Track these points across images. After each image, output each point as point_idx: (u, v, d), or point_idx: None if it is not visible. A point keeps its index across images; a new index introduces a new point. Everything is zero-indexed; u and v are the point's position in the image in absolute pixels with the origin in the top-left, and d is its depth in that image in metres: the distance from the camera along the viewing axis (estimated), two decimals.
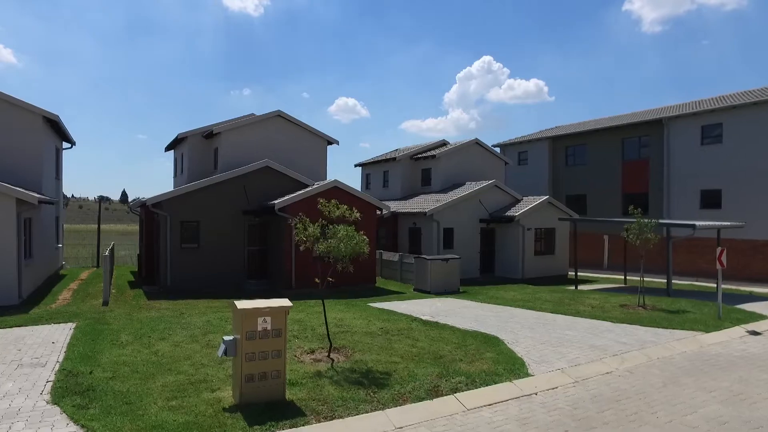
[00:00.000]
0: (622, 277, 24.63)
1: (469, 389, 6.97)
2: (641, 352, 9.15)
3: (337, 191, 17.44)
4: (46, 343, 8.67)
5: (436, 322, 11.51)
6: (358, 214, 8.93)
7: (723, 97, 26.07)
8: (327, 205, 8.83)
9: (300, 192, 16.87)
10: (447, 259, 18.17)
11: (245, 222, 17.31)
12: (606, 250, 29.02)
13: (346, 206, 8.88)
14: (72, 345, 8.48)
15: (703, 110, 24.28)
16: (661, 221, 17.96)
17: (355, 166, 30.69)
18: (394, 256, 20.58)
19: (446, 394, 6.74)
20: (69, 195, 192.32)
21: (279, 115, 20.96)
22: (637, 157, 27.89)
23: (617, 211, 28.58)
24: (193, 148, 21.21)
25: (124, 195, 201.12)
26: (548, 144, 32.74)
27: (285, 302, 6.24)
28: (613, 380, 7.68)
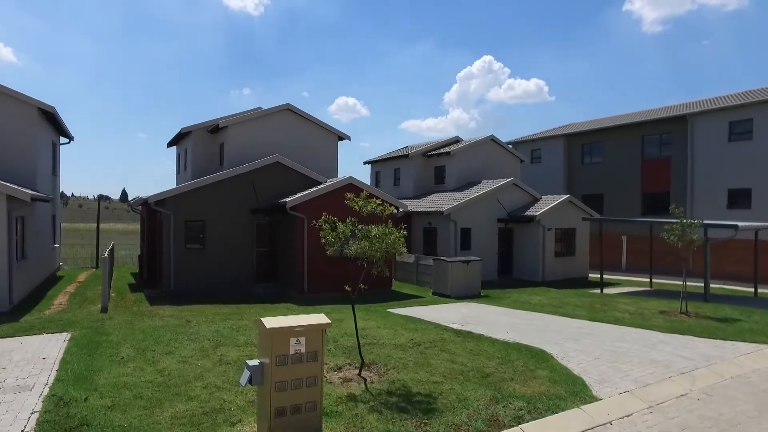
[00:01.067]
0: (645, 279, 23.58)
1: (533, 417, 5.90)
2: (710, 369, 8.08)
3: (353, 189, 16.33)
4: (35, 359, 7.59)
5: (469, 332, 10.45)
6: (392, 209, 7.89)
7: (752, 91, 24.99)
8: (355, 199, 7.76)
9: (313, 189, 15.79)
10: (468, 261, 17.11)
11: (253, 221, 16.24)
12: (624, 252, 27.96)
13: (378, 200, 7.80)
14: (65, 362, 7.40)
15: (731, 105, 23.20)
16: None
17: (364, 163, 29.63)
18: (409, 258, 19.51)
19: (509, 426, 5.67)
20: (69, 194, 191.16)
21: (288, 109, 19.88)
22: (658, 155, 26.81)
23: (636, 211, 27.54)
24: (197, 144, 20.13)
25: (124, 194, 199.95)
26: (563, 141, 31.67)
27: (321, 318, 5.19)
28: (693, 406, 6.60)
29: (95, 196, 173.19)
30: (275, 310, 12.95)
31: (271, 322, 4.96)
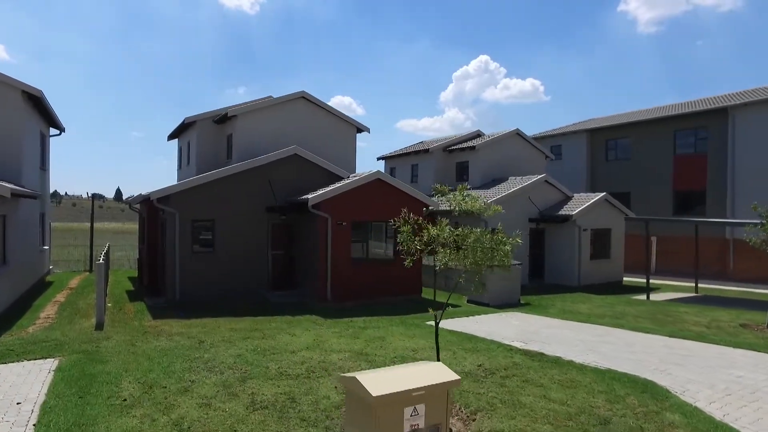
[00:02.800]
0: (680, 283, 21.94)
1: None
2: None
3: (381, 185, 14.56)
4: (6, 404, 5.72)
5: (540, 354, 8.69)
6: (499, 208, 6.16)
7: None
8: (453, 196, 6.05)
9: (337, 185, 13.96)
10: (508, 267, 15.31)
11: (269, 221, 14.39)
12: (654, 253, 26.30)
13: (480, 196, 6.06)
14: (48, 409, 5.55)
15: None
16: None
17: (378, 159, 27.82)
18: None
19: None
20: (63, 192, 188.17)
21: (303, 97, 18.04)
22: (692, 151, 25.15)
23: (666, 210, 25.89)
24: (202, 135, 18.26)
25: (118, 193, 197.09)
26: (586, 137, 29.98)
27: (442, 372, 3.38)
28: None
29: (89, 195, 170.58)
30: (298, 323, 11.12)
31: (371, 381, 3.14)
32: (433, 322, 11.70)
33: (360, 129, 19.50)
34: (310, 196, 13.37)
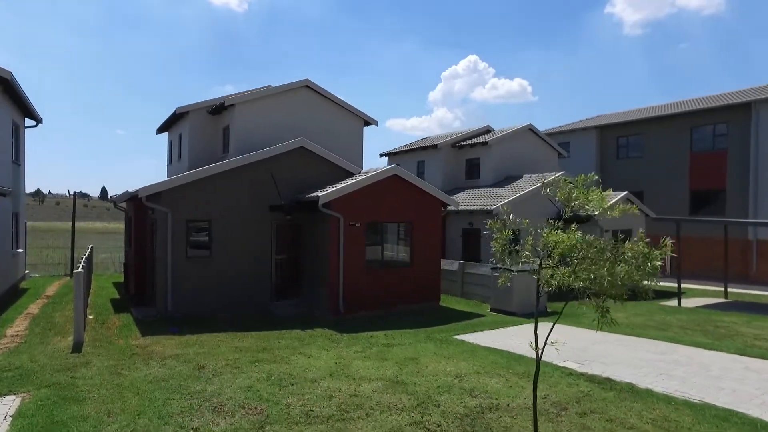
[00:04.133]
0: (699, 286, 20.77)
1: None
2: None
3: (397, 182, 13.11)
4: None
5: (609, 379, 7.34)
6: (634, 208, 4.79)
7: None
8: (566, 188, 4.68)
9: (350, 182, 12.48)
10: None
11: (272, 221, 12.86)
12: (669, 255, 25.14)
13: (595, 191, 4.69)
14: None
15: None
16: None
17: (381, 155, 26.34)
18: (452, 265, 16.32)
19: None
20: (46, 191, 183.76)
21: (307, 86, 16.50)
22: (710, 148, 24.05)
23: (683, 210, 24.77)
24: (195, 127, 16.63)
25: (103, 191, 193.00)
26: (595, 134, 28.80)
27: None
28: None
29: (69, 193, 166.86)
30: (312, 340, 9.63)
31: None
32: (464, 336, 10.31)
33: (368, 122, 18.03)
34: (320, 193, 11.86)
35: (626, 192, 19.51)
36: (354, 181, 12.39)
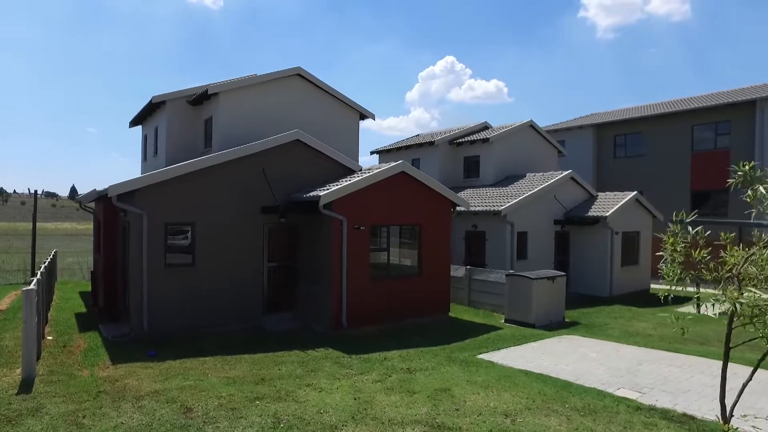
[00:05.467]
0: (706, 291, 19.98)
1: None
2: None
3: (406, 180, 11.75)
4: None
5: (691, 417, 6.11)
6: None
7: None
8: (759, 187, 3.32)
9: (353, 180, 11.05)
10: (553, 278, 12.82)
11: (264, 225, 11.32)
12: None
13: None
14: None
15: None
16: None
17: (372, 152, 24.90)
18: (457, 271, 15.03)
19: None
20: (11, 191, 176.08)
21: (299, 74, 14.97)
22: (712, 147, 23.41)
23: (684, 212, 24.05)
24: (174, 119, 14.93)
25: (73, 191, 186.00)
26: (592, 132, 27.98)
27: None
28: None
29: (30, 191, 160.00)
30: (317, 365, 8.18)
31: None
32: (490, 356, 8.87)
33: (364, 116, 16.60)
34: (321, 192, 10.39)
35: (635, 192, 18.55)
36: (358, 179, 10.96)
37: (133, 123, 18.28)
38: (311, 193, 10.72)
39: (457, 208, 13.21)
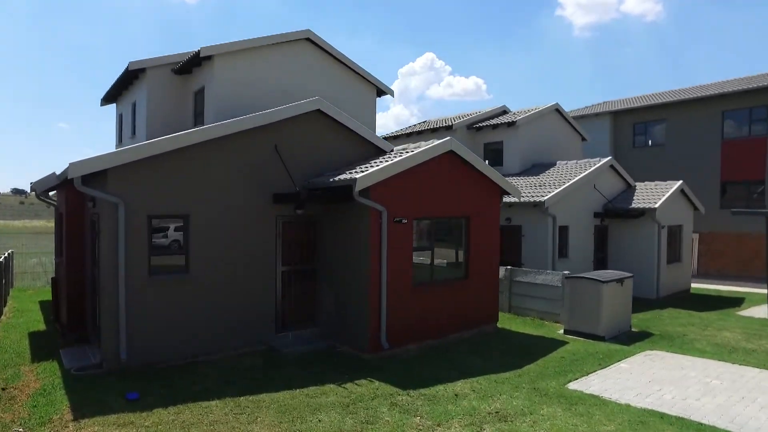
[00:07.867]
0: (741, 289, 18.25)
1: None
2: None
3: (453, 161, 9.43)
4: None
5: None
6: None
7: None
8: None
9: (392, 161, 8.66)
10: (621, 280, 10.68)
11: (277, 217, 8.86)
12: (695, 253, 22.77)
13: None
14: None
15: None
16: None
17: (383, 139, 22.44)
18: None
19: None
20: None
21: (308, 39, 12.52)
22: (746, 135, 21.71)
23: (712, 204, 22.36)
24: (156, 91, 12.32)
25: None
26: (609, 120, 26.13)
27: None
28: None
29: (11, 190, 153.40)
30: (370, 408, 5.84)
31: None
32: (586, 387, 6.21)
33: (382, 91, 14.22)
34: (357, 175, 7.99)
35: (681, 182, 16.60)
36: (397, 160, 8.58)
37: (106, 100, 15.53)
38: (341, 176, 8.32)
39: (510, 199, 10.97)
